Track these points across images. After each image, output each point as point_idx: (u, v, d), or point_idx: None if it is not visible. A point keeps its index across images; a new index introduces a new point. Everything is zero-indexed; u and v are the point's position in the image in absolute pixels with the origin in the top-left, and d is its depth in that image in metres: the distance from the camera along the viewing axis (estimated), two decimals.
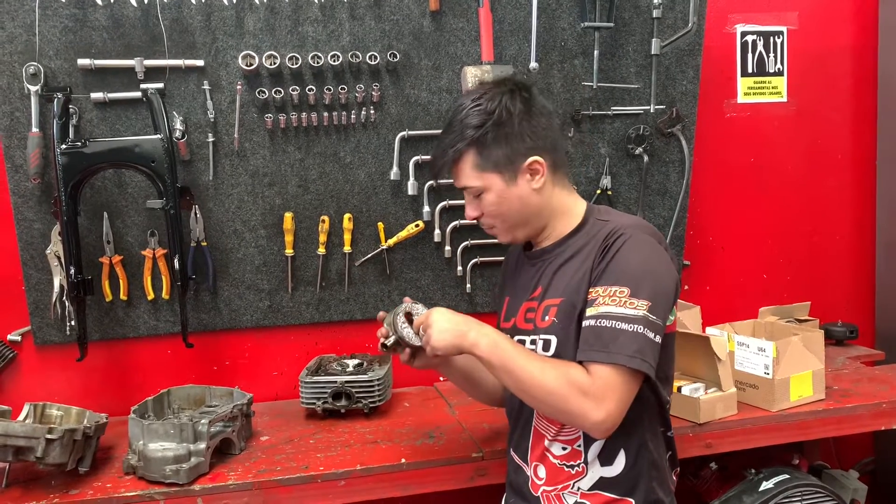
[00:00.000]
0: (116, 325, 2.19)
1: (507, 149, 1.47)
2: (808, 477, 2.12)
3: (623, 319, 1.35)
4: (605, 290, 1.39)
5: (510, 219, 1.52)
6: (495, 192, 1.50)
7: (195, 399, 2.02)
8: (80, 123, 2.08)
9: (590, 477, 1.49)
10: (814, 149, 2.73)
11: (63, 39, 2.05)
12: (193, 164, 2.18)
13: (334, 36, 2.20)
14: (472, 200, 1.54)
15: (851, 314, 2.78)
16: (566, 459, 1.51)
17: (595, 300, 1.39)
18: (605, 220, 1.54)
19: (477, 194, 1.52)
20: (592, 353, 1.35)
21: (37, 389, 2.16)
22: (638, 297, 1.36)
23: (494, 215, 1.52)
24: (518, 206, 1.51)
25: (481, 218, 1.55)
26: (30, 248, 2.11)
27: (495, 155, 1.48)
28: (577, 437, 1.49)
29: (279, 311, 2.30)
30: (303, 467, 1.73)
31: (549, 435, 1.52)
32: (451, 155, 1.49)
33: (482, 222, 1.56)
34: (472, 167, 1.49)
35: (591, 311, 1.38)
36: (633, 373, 1.34)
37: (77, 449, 1.66)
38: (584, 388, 1.33)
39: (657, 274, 1.42)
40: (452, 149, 1.49)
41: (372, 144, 2.27)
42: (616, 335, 1.34)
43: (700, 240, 2.64)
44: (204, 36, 2.13)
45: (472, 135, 1.47)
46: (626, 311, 1.35)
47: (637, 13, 2.36)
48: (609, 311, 1.36)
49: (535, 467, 1.55)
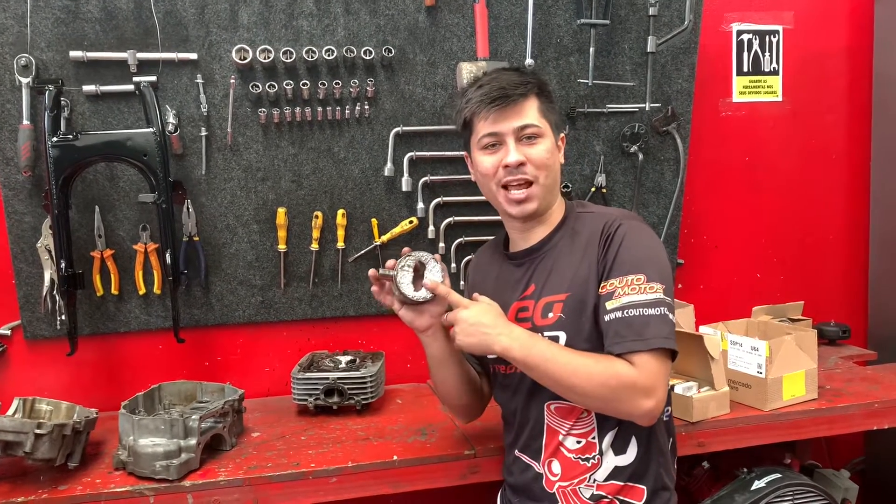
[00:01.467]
0: (107, 320, 2.18)
1: (556, 114, 1.57)
2: (799, 476, 2.12)
3: (647, 305, 1.38)
4: (621, 280, 1.41)
5: (551, 176, 1.53)
6: (550, 142, 1.53)
7: (186, 395, 2.01)
8: (72, 116, 2.06)
9: (605, 468, 1.50)
10: (808, 148, 2.73)
11: (55, 31, 2.04)
12: (186, 158, 2.17)
13: (329, 30, 2.19)
14: (518, 146, 1.51)
15: (844, 314, 2.79)
16: (581, 453, 1.51)
17: (613, 292, 1.40)
18: (590, 211, 1.57)
19: (533, 137, 1.51)
20: (629, 343, 1.37)
21: (26, 384, 2.14)
22: (653, 281, 1.40)
23: (543, 165, 1.51)
24: (557, 168, 1.56)
25: (524, 166, 1.50)
26: (20, 242, 2.09)
27: (552, 113, 1.55)
28: (591, 429, 1.50)
29: (271, 307, 2.28)
30: (294, 464, 1.72)
31: (563, 430, 1.52)
32: (527, 88, 1.51)
33: (522, 171, 1.51)
34: (538, 109, 1.52)
35: (613, 304, 1.40)
36: (669, 353, 1.40)
37: (66, 444, 1.64)
38: (633, 380, 1.35)
39: (661, 258, 1.46)
40: (528, 84, 1.52)
41: (366, 140, 2.26)
42: (647, 321, 1.37)
43: (694, 238, 2.65)
44: (197, 29, 2.11)
45: (544, 82, 1.56)
46: (648, 296, 1.38)
47: (633, 10, 2.36)
48: (633, 301, 1.38)
49: (549, 464, 1.55)
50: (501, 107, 1.49)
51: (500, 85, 1.50)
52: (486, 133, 1.52)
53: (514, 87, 1.49)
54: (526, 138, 1.50)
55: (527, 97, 1.50)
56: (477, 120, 1.53)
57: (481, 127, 1.53)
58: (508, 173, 1.51)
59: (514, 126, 1.50)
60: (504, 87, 1.50)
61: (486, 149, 1.54)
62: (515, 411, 1.62)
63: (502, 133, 1.51)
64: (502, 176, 1.52)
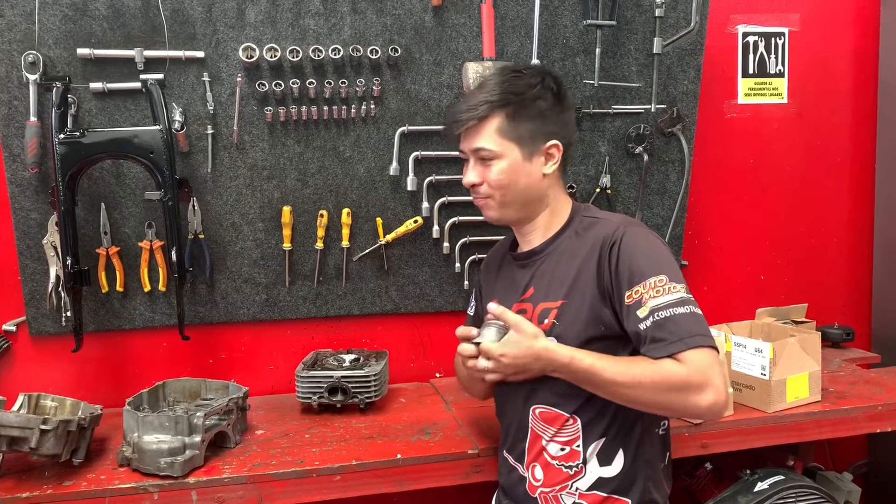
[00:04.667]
0: (112, 317, 2.18)
1: (535, 125, 1.50)
2: (802, 478, 2.12)
3: (675, 305, 1.36)
4: (644, 285, 1.39)
5: (510, 194, 1.52)
6: (509, 162, 1.50)
7: (191, 392, 2.01)
8: (79, 113, 2.07)
9: (588, 477, 1.49)
10: (813, 151, 2.73)
11: (62, 28, 2.04)
12: (192, 156, 2.17)
13: (336, 29, 2.19)
14: (476, 166, 1.53)
15: (848, 317, 2.79)
16: (564, 460, 1.50)
17: (640, 300, 1.38)
18: (595, 217, 1.55)
19: (487, 159, 1.51)
20: (669, 346, 1.34)
21: (31, 380, 2.15)
22: (675, 282, 1.39)
23: (497, 186, 1.52)
24: (524, 183, 1.52)
25: (480, 186, 1.53)
26: (26, 238, 2.10)
27: (523, 127, 1.50)
28: (575, 437, 1.49)
29: (276, 305, 2.29)
30: (298, 461, 1.73)
31: (546, 436, 1.52)
32: (482, 111, 1.49)
33: (478, 191, 1.55)
34: (495, 130, 1.50)
35: (643, 312, 1.38)
36: (711, 348, 1.36)
37: (71, 440, 1.65)
38: (683, 378, 1.32)
39: (672, 260, 1.45)
40: (485, 104, 1.49)
41: (372, 139, 2.27)
42: (679, 322, 1.35)
43: (698, 240, 2.64)
44: (205, 27, 2.12)
45: (508, 99, 1.49)
46: (673, 296, 1.37)
47: (639, 12, 2.35)
48: (659, 303, 1.36)
49: (533, 468, 1.55)
50: (459, 130, 1.53)
51: (458, 108, 1.53)
52: (460, 150, 1.58)
53: (470, 109, 1.50)
54: (481, 160, 1.52)
55: (485, 119, 1.49)
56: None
57: (460, 142, 1.58)
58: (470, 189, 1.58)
59: (472, 147, 1.53)
60: (458, 111, 1.52)
61: (465, 162, 1.59)
62: (505, 411, 1.64)
63: (466, 152, 1.56)
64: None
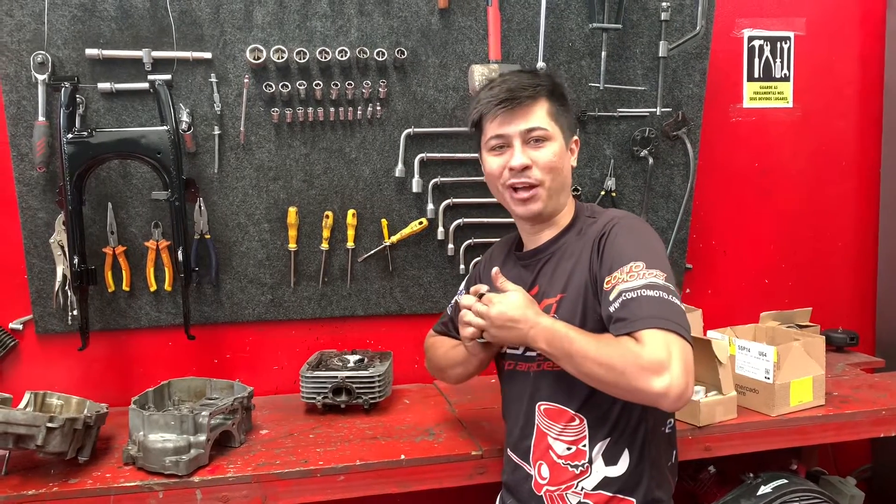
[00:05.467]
0: (118, 316, 2.20)
1: (569, 116, 1.57)
2: (805, 482, 2.12)
3: (644, 288, 1.33)
4: (621, 271, 1.38)
5: (557, 180, 1.53)
6: (560, 145, 1.53)
7: (196, 391, 2.02)
8: (87, 113, 2.08)
9: (594, 477, 1.49)
10: (818, 155, 2.73)
11: (71, 29, 2.05)
12: (199, 157, 2.18)
13: (342, 31, 2.20)
14: (525, 148, 1.51)
15: (852, 321, 2.79)
16: (570, 459, 1.51)
17: (615, 285, 1.37)
18: (595, 216, 1.57)
19: (540, 140, 1.51)
20: (629, 325, 1.31)
21: (37, 378, 2.16)
22: (653, 268, 1.37)
23: (550, 168, 1.51)
24: (567, 172, 1.56)
25: (528, 170, 1.51)
26: (33, 237, 2.11)
27: (564, 116, 1.55)
28: (581, 436, 1.49)
29: (281, 306, 2.30)
30: (302, 461, 1.73)
31: (552, 433, 1.52)
32: (536, 91, 1.51)
33: (528, 175, 1.51)
34: (547, 112, 1.52)
35: (613, 294, 1.36)
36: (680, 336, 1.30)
37: (77, 438, 1.66)
38: (636, 354, 1.27)
39: (657, 248, 1.45)
40: (539, 86, 1.51)
41: (377, 141, 2.27)
42: (642, 303, 1.31)
43: (703, 243, 2.65)
44: (212, 28, 2.13)
45: (555, 85, 1.54)
46: (644, 280, 1.34)
47: (645, 15, 2.36)
48: (629, 286, 1.34)
49: (539, 466, 1.55)
50: (509, 108, 1.50)
51: (509, 87, 1.51)
52: (493, 135, 1.53)
53: (523, 88, 1.50)
54: (533, 141, 1.51)
55: (536, 99, 1.50)
56: (486, 121, 1.55)
57: (490, 128, 1.54)
58: (513, 175, 1.52)
59: (521, 129, 1.50)
60: (512, 90, 1.50)
61: (493, 150, 1.55)
62: (510, 409, 1.64)
63: (509, 135, 1.51)
64: (507, 178, 1.53)
